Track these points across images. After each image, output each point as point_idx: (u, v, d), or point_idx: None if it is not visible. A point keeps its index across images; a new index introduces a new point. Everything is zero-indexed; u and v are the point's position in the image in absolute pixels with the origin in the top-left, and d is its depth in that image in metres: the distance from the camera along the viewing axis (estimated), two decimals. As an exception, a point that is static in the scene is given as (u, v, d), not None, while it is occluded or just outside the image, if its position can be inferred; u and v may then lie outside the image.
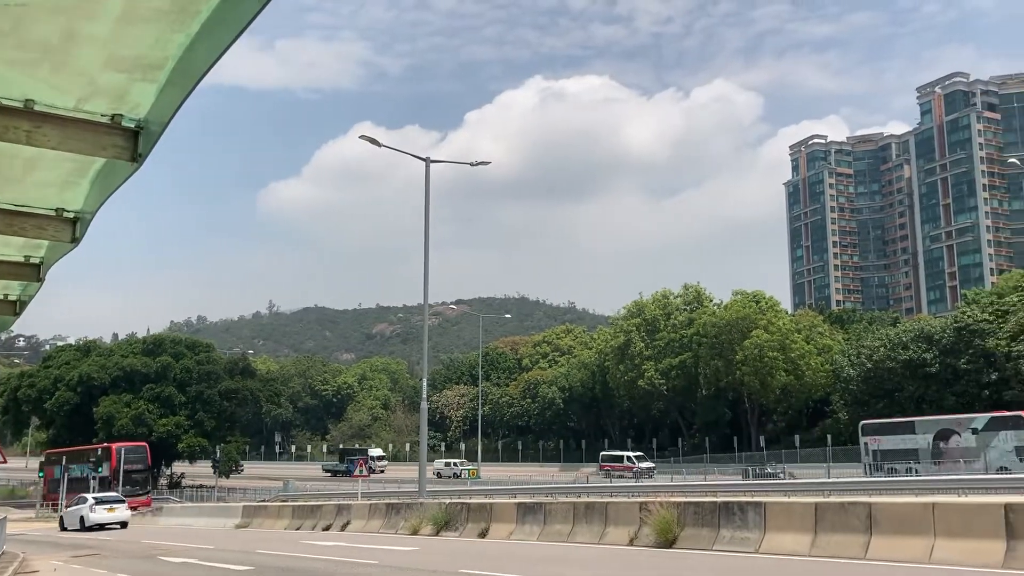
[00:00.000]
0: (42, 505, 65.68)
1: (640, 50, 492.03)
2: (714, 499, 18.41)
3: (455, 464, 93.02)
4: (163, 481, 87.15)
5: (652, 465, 75.67)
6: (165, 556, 23.66)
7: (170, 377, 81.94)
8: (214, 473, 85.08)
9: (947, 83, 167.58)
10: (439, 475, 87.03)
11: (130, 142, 3.98)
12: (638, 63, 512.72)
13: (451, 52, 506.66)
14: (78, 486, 58.23)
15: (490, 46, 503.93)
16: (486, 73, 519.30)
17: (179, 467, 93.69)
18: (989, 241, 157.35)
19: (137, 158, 4.02)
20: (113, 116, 3.90)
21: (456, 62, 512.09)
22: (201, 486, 79.89)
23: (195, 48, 3.28)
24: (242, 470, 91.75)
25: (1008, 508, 12.49)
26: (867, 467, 55.19)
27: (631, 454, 78.97)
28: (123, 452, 62.29)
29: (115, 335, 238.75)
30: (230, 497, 66.92)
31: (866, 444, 56.94)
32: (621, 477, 68.52)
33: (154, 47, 3.31)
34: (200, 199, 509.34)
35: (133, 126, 3.95)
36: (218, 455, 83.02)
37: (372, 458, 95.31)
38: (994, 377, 71.87)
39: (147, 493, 63.09)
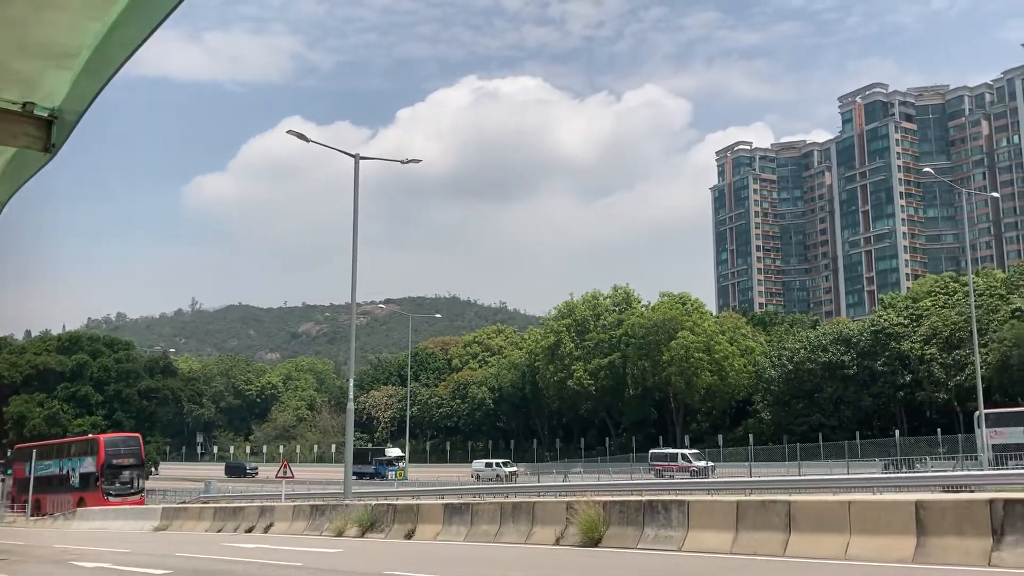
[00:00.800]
0: (11, 508, 57.79)
1: (572, 53, 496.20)
2: (639, 498, 18.63)
3: (497, 465, 78.05)
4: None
5: (710, 464, 63.91)
6: (78, 561, 22.92)
7: (87, 376, 79.57)
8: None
9: (867, 93, 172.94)
10: (478, 477, 74.49)
11: (43, 131, 3.83)
12: (570, 66, 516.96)
13: (384, 49, 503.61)
14: (56, 486, 52.75)
15: (424, 44, 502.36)
16: (420, 71, 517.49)
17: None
18: (905, 247, 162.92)
19: (51, 148, 3.88)
20: (25, 104, 3.75)
21: (389, 59, 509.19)
22: (119, 488, 77.65)
23: (112, 37, 3.17)
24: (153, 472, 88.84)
25: (919, 505, 12.93)
26: (987, 462, 45.29)
27: (686, 451, 68.05)
28: (111, 444, 52.83)
29: (28, 332, 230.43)
30: (148, 499, 65.17)
31: (986, 435, 47.97)
32: (672, 477, 58.42)
33: (69, 34, 3.19)
34: (120, 192, 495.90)
35: (46, 115, 3.81)
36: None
37: (391, 459, 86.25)
38: (908, 379, 74.43)
39: (140, 493, 53.30)
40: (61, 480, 53.00)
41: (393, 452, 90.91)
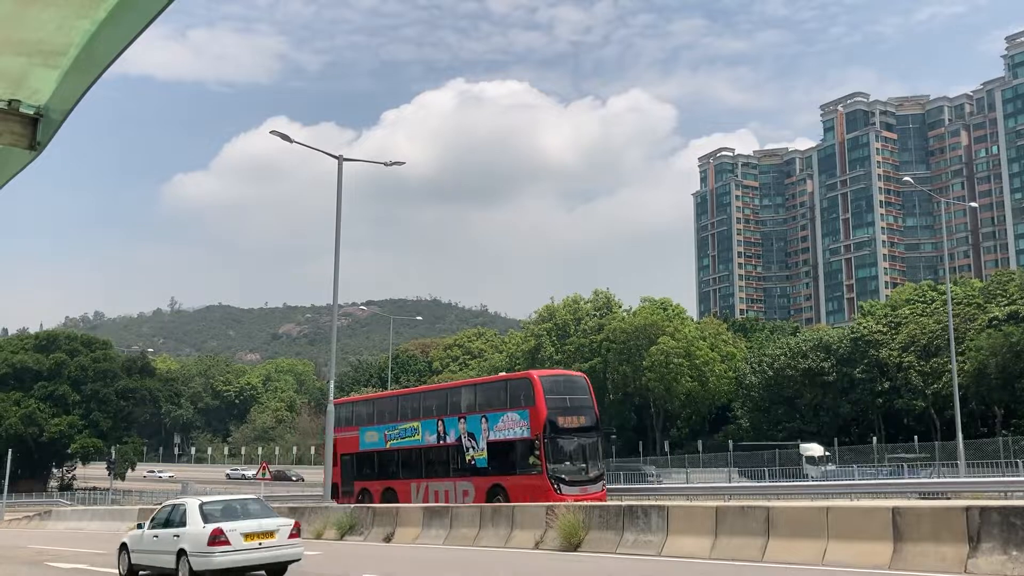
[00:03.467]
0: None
1: (559, 58, 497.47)
2: (619, 503, 18.66)
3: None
4: (53, 483, 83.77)
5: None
6: (54, 562, 22.71)
7: (64, 375, 78.87)
8: (109, 475, 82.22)
9: (848, 102, 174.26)
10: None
11: (28, 129, 3.81)
12: (557, 70, 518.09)
13: (371, 51, 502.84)
14: (424, 467, 31.92)
15: (411, 47, 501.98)
16: (406, 74, 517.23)
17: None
18: (884, 255, 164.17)
19: (36, 146, 3.85)
20: (10, 102, 3.73)
21: (375, 61, 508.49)
22: (95, 488, 77.08)
23: (100, 35, 3.15)
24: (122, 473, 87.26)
25: (896, 512, 13.03)
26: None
27: (815, 453, 57.39)
28: (553, 389, 29.79)
29: (4, 330, 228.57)
30: (125, 500, 64.71)
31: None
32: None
33: (57, 32, 3.18)
34: (101, 190, 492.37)
35: (32, 113, 3.79)
36: (113, 456, 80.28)
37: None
38: (886, 386, 74.93)
39: (601, 479, 29.76)
40: (437, 456, 31.60)
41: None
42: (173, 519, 16.71)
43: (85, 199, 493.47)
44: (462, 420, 30.60)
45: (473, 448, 29.86)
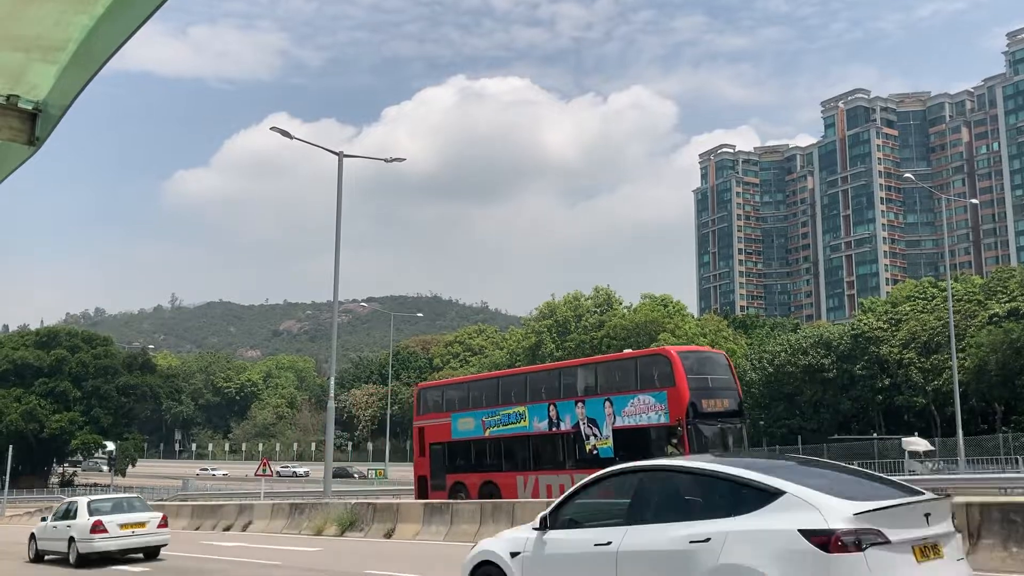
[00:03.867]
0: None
1: (561, 54, 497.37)
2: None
3: None
4: (53, 479, 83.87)
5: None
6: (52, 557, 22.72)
7: (65, 371, 78.94)
8: (109, 471, 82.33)
9: (849, 99, 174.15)
10: None
11: (27, 125, 3.80)
12: (558, 67, 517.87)
13: (372, 47, 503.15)
14: (533, 459, 28.10)
15: (412, 43, 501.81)
16: (407, 70, 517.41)
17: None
18: (885, 252, 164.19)
19: (35, 142, 3.85)
20: (9, 97, 3.72)
21: (377, 57, 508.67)
22: (95, 484, 77.13)
23: (99, 30, 3.15)
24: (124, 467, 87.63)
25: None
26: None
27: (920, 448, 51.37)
28: (695, 368, 25.80)
29: (5, 327, 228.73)
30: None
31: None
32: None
33: (55, 27, 3.17)
34: (101, 187, 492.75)
35: (31, 108, 3.78)
36: (114, 452, 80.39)
37: None
38: (887, 383, 74.94)
39: None
40: (548, 446, 27.86)
41: None
42: (69, 512, 20.59)
43: (86, 195, 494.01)
44: (580, 404, 26.60)
45: (595, 436, 25.83)
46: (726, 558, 6.60)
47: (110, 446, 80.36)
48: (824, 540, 6.21)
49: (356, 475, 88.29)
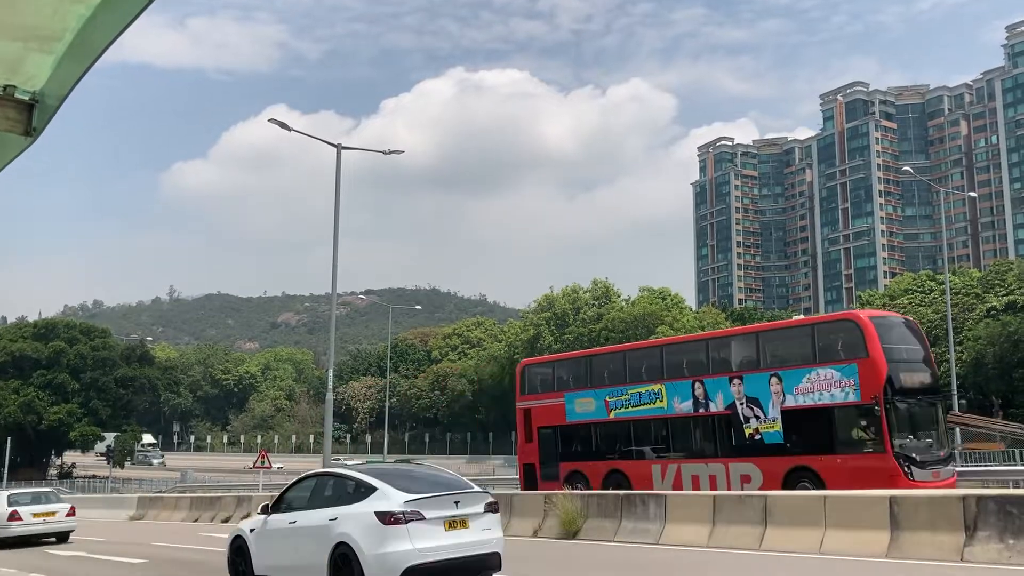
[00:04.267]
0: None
1: (560, 47, 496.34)
2: (617, 491, 18.71)
3: None
4: (52, 471, 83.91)
5: None
6: (54, 549, 22.79)
7: (63, 363, 78.92)
8: (108, 463, 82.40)
9: (848, 92, 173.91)
10: None
11: (24, 115, 3.80)
12: (557, 59, 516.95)
13: (371, 39, 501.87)
14: (668, 444, 24.90)
15: (411, 35, 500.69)
16: (406, 62, 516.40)
17: (70, 457, 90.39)
18: (883, 245, 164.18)
19: (31, 132, 3.84)
20: (5, 87, 3.71)
21: (375, 49, 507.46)
22: (94, 476, 77.22)
23: (96, 20, 3.14)
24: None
25: (893, 501, 13.07)
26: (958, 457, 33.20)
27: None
28: (894, 337, 21.92)
29: (3, 319, 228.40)
30: (124, 488, 64.90)
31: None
32: None
33: (52, 17, 3.16)
34: (99, 178, 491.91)
35: (28, 99, 3.77)
36: (112, 444, 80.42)
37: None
38: (884, 375, 74.98)
39: (950, 460, 22.66)
40: (694, 430, 24.53)
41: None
42: None
43: (84, 187, 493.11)
44: (736, 381, 22.83)
45: (757, 418, 22.09)
46: (341, 528, 10.79)
47: (108, 439, 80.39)
48: (385, 517, 10.35)
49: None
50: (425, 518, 10.39)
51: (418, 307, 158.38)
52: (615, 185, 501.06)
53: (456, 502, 10.74)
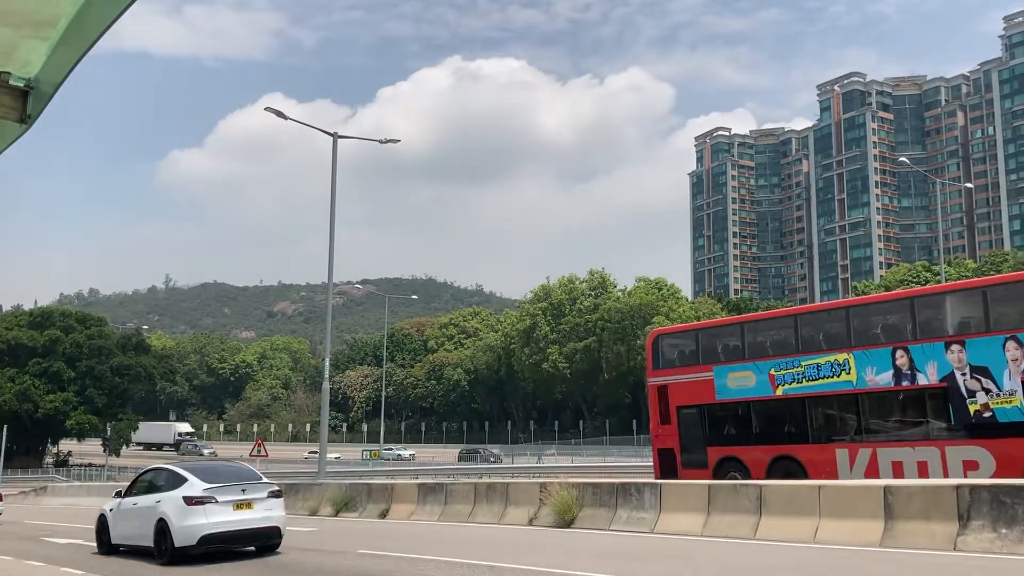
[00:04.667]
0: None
1: (557, 36, 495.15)
2: (612, 480, 18.77)
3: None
4: (48, 459, 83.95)
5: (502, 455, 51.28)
6: (50, 537, 22.79)
7: (59, 352, 78.83)
8: (104, 451, 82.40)
9: (845, 82, 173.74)
10: None
11: (18, 102, 3.78)
12: (555, 49, 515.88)
13: (368, 27, 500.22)
14: (870, 427, 20.55)
15: (408, 23, 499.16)
16: (402, 51, 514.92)
17: (67, 445, 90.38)
18: (879, 236, 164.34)
19: (26, 119, 3.83)
20: (0, 74, 3.70)
21: (372, 38, 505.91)
22: (90, 464, 77.25)
23: (91, 7, 3.13)
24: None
25: (887, 490, 13.13)
26: None
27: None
28: None
29: None
30: (120, 476, 64.89)
31: None
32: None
33: (47, 3, 3.15)
34: (94, 166, 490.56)
35: (22, 85, 3.76)
36: (109, 433, 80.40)
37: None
38: (879, 366, 75.17)
39: None
40: (894, 407, 20.32)
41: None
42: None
43: (80, 175, 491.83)
44: (955, 347, 18.62)
45: (987, 392, 17.96)
46: (161, 508, 14.73)
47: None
48: (189, 500, 14.36)
49: (492, 457, 71.10)
50: (218, 501, 14.41)
51: (414, 297, 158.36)
52: (612, 175, 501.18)
53: (243, 490, 14.83)
